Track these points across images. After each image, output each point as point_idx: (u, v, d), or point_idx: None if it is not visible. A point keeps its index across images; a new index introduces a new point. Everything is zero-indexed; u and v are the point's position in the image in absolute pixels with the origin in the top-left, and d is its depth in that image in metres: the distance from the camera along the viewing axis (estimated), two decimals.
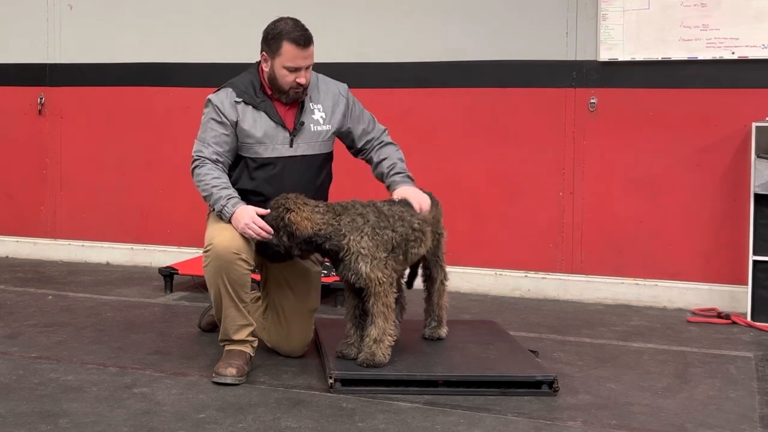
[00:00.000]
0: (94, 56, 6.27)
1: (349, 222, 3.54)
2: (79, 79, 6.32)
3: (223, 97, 3.80)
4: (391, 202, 3.72)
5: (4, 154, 6.54)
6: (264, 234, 3.56)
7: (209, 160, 3.76)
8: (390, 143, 4.04)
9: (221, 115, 3.78)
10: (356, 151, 4.07)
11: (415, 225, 3.68)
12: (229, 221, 3.64)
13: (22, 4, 6.42)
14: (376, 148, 4.00)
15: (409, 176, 3.92)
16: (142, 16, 6.15)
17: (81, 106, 6.35)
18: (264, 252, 3.72)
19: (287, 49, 3.72)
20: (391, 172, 3.91)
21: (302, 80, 3.75)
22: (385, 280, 3.54)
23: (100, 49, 6.25)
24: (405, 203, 3.73)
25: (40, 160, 6.46)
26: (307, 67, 3.77)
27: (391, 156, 3.96)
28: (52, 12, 6.35)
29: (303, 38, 3.73)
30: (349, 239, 3.53)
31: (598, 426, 3.22)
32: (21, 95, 6.45)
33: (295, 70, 3.73)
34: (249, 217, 3.59)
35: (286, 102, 3.82)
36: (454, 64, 5.48)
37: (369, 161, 4.05)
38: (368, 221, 3.55)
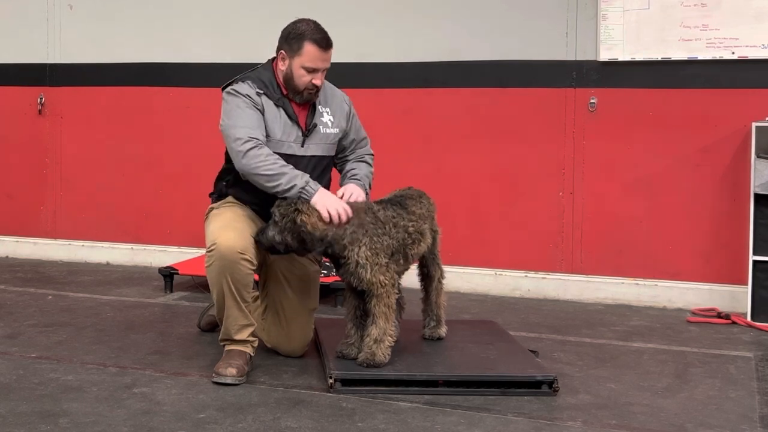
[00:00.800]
0: (94, 56, 6.28)
1: (350, 233, 3.56)
2: (79, 79, 6.33)
3: (248, 89, 3.77)
4: (384, 205, 3.72)
5: (4, 154, 6.54)
6: (344, 217, 3.57)
7: (263, 143, 3.69)
8: (367, 162, 4.05)
9: (253, 102, 3.74)
10: (336, 159, 4.07)
11: (410, 228, 3.70)
12: (307, 198, 3.59)
13: (22, 4, 6.42)
14: (353, 161, 4.03)
15: (363, 185, 3.91)
16: (142, 16, 6.15)
17: (81, 106, 6.35)
18: (261, 244, 3.68)
19: (309, 49, 3.73)
20: (352, 177, 3.93)
21: (318, 82, 3.77)
22: (386, 282, 3.56)
23: (100, 49, 6.25)
24: (396, 206, 3.74)
25: (40, 160, 6.47)
26: (324, 70, 3.80)
27: (360, 169, 3.99)
28: (52, 12, 6.35)
29: (325, 41, 3.77)
30: (349, 250, 3.55)
31: (598, 426, 3.22)
32: (21, 95, 6.46)
33: (313, 71, 3.75)
34: (338, 201, 3.60)
35: (300, 102, 3.83)
36: (454, 64, 5.49)
37: (341, 170, 4.06)
38: (366, 231, 3.57)
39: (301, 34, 3.75)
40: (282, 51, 3.80)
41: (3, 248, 6.57)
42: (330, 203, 3.58)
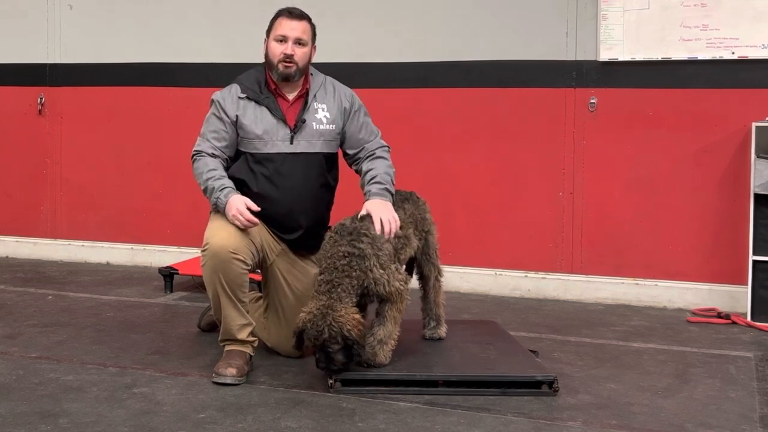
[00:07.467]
0: (94, 56, 6.28)
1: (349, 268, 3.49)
2: (79, 79, 6.33)
3: (226, 94, 3.90)
4: (360, 218, 3.63)
5: (4, 154, 6.54)
6: (250, 225, 3.63)
7: (206, 153, 3.85)
8: (381, 157, 3.91)
9: (221, 111, 3.87)
10: (350, 161, 4.01)
11: (398, 232, 3.67)
12: (224, 212, 3.68)
13: (22, 3, 6.42)
14: (367, 159, 3.91)
15: (387, 189, 3.75)
16: (143, 16, 6.15)
17: (81, 106, 6.35)
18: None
19: (279, 21, 3.90)
20: (371, 181, 3.78)
21: (288, 51, 3.81)
22: (402, 288, 3.57)
23: (100, 49, 6.25)
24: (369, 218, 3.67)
25: (40, 160, 6.46)
26: (298, 42, 3.85)
27: (377, 168, 3.83)
28: (52, 12, 6.35)
29: (295, 10, 3.91)
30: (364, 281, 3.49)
31: (598, 426, 3.22)
32: (21, 95, 6.46)
33: (283, 39, 3.84)
34: (237, 206, 3.64)
35: (278, 80, 3.86)
36: (453, 64, 5.49)
37: (358, 172, 3.97)
38: (360, 255, 3.48)
39: (276, 14, 3.93)
40: (264, 39, 3.94)
41: (3, 248, 6.57)
42: (232, 215, 3.64)
